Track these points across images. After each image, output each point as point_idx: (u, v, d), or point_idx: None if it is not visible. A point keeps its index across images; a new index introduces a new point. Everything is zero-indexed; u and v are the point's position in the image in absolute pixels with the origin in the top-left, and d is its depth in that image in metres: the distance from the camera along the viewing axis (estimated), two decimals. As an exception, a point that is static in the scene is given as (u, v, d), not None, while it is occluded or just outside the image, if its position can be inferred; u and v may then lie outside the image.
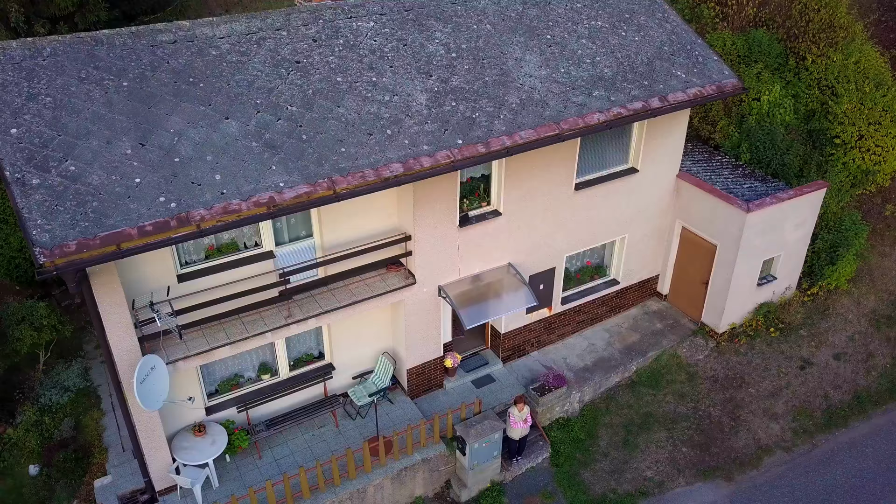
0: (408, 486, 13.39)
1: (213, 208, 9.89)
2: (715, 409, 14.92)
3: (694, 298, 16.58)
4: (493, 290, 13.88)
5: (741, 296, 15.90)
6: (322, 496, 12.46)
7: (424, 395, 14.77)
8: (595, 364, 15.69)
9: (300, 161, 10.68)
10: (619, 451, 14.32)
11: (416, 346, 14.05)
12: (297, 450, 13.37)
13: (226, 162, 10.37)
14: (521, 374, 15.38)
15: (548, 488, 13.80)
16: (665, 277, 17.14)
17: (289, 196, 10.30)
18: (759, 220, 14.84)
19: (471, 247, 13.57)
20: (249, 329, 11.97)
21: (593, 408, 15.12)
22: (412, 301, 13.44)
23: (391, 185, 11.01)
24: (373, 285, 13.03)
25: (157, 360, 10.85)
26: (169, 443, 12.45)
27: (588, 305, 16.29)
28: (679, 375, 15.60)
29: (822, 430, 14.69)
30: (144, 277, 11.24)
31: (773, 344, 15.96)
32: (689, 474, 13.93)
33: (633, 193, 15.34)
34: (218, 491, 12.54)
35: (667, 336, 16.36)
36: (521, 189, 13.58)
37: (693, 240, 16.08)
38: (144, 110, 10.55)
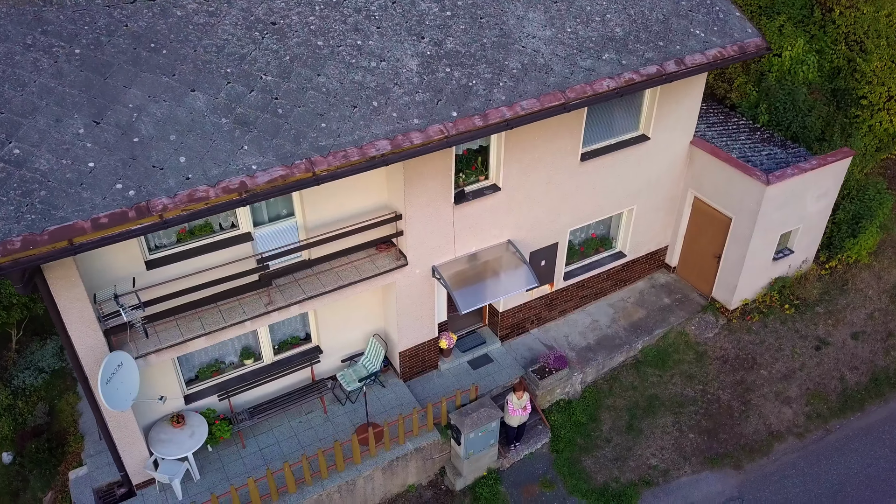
0: (399, 476, 12.75)
1: (178, 196, 8.86)
2: (724, 393, 14.16)
3: (704, 272, 15.63)
4: (492, 270, 12.93)
5: (755, 271, 14.95)
6: (309, 490, 11.83)
7: (418, 377, 14.01)
8: (598, 343, 14.86)
9: (275, 139, 9.58)
10: (623, 437, 13.63)
11: (408, 329, 13.21)
12: (282, 438, 12.68)
13: (191, 142, 9.28)
14: (520, 354, 14.58)
15: (547, 476, 13.17)
16: (674, 249, 16.16)
17: (262, 180, 9.24)
18: (779, 192, 13.76)
19: (467, 224, 12.56)
20: (227, 318, 11.10)
21: (596, 389, 14.37)
22: (404, 283, 12.52)
23: (377, 166, 9.94)
24: (361, 267, 12.08)
25: (124, 356, 10.01)
26: (145, 434, 11.76)
27: (592, 280, 15.37)
28: (687, 355, 14.80)
29: (836, 415, 13.96)
30: (108, 266, 10.30)
31: (787, 322, 15.09)
32: (695, 462, 13.27)
33: (644, 162, 14.21)
34: (199, 484, 11.91)
35: (675, 312, 15.50)
36: (522, 161, 12.47)
37: (706, 211, 15.02)
38: (99, 82, 9.40)
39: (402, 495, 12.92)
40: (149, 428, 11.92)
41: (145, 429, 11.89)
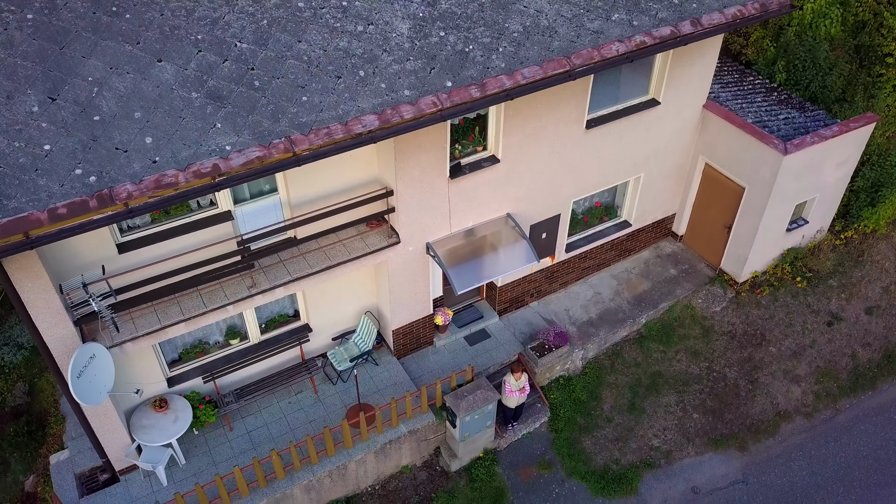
0: (393, 458, 12.35)
1: (144, 182, 8.08)
2: (731, 370, 13.63)
3: (713, 242, 14.91)
4: (490, 246, 12.22)
5: (767, 242, 14.22)
6: (298, 475, 11.42)
7: (413, 354, 13.47)
8: (601, 317, 14.26)
9: (251, 116, 8.73)
10: (624, 417, 13.17)
11: (401, 307, 12.59)
12: (271, 420, 12.22)
13: (158, 119, 8.44)
14: (518, 329, 14.00)
15: (545, 457, 12.76)
16: (682, 217, 15.39)
17: (237, 162, 8.44)
18: (796, 162, 12.91)
19: (463, 199, 11.78)
20: (208, 302, 10.46)
21: (597, 365, 13.84)
22: (397, 261, 11.83)
23: (364, 143, 9.11)
24: (351, 245, 11.37)
25: (96, 347, 9.41)
26: (126, 419, 11.29)
27: (595, 251, 14.66)
28: (693, 330, 14.21)
29: (846, 394, 13.46)
30: (76, 250, 9.59)
31: (798, 296, 14.45)
32: (699, 443, 12.83)
33: (653, 128, 13.31)
34: (185, 469, 11.50)
35: (681, 284, 14.84)
36: (523, 131, 11.60)
37: (717, 179, 14.19)
38: (55, 52, 8.50)
39: (395, 476, 12.55)
40: (130, 413, 11.44)
41: (127, 413, 11.41)
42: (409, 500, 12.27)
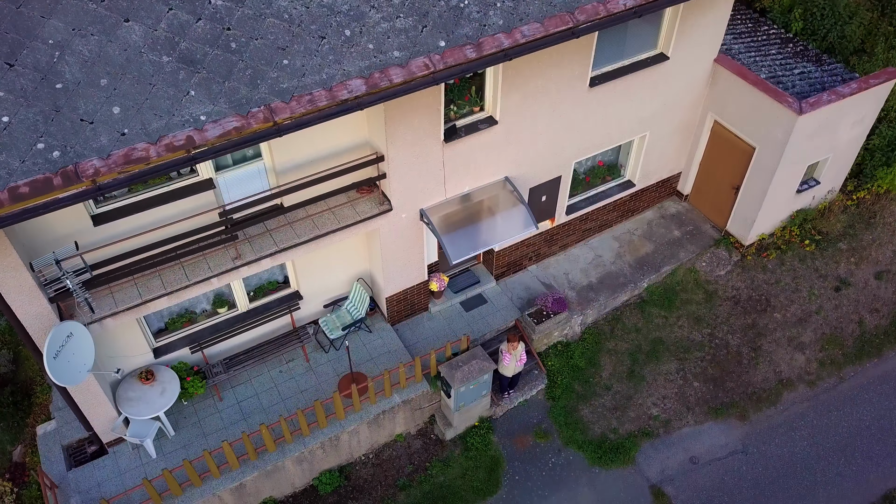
0: (387, 428, 12.13)
1: (112, 157, 7.50)
2: (734, 337, 13.27)
3: (720, 203, 14.34)
4: (486, 213, 11.69)
5: (776, 204, 13.65)
6: (290, 447, 11.20)
7: (407, 321, 13.10)
8: (601, 281, 13.83)
9: (228, 82, 8.08)
10: (623, 384, 12.89)
11: (395, 274, 12.14)
12: (262, 390, 11.94)
13: (127, 87, 7.80)
14: (516, 294, 13.59)
15: (542, 425, 12.54)
16: (688, 176, 14.77)
17: (213, 134, 7.84)
18: (811, 121, 12.22)
19: (459, 163, 11.18)
20: (191, 275, 10.00)
21: (596, 331, 13.49)
22: (389, 229, 11.31)
23: (351, 110, 8.47)
24: (340, 213, 10.84)
25: (74, 326, 9.01)
26: (112, 391, 10.99)
27: (597, 212, 14.12)
28: (696, 294, 13.80)
29: (851, 361, 13.14)
30: (48, 224, 9.08)
31: (806, 259, 13.97)
32: (698, 412, 12.59)
33: (661, 85, 12.58)
34: (174, 441, 11.28)
35: (685, 247, 14.35)
36: (522, 90, 10.90)
37: (726, 138, 13.52)
38: (11, 11, 7.79)
39: (389, 445, 12.36)
40: (116, 385, 11.14)
41: (112, 385, 11.11)
42: (403, 469, 12.10)
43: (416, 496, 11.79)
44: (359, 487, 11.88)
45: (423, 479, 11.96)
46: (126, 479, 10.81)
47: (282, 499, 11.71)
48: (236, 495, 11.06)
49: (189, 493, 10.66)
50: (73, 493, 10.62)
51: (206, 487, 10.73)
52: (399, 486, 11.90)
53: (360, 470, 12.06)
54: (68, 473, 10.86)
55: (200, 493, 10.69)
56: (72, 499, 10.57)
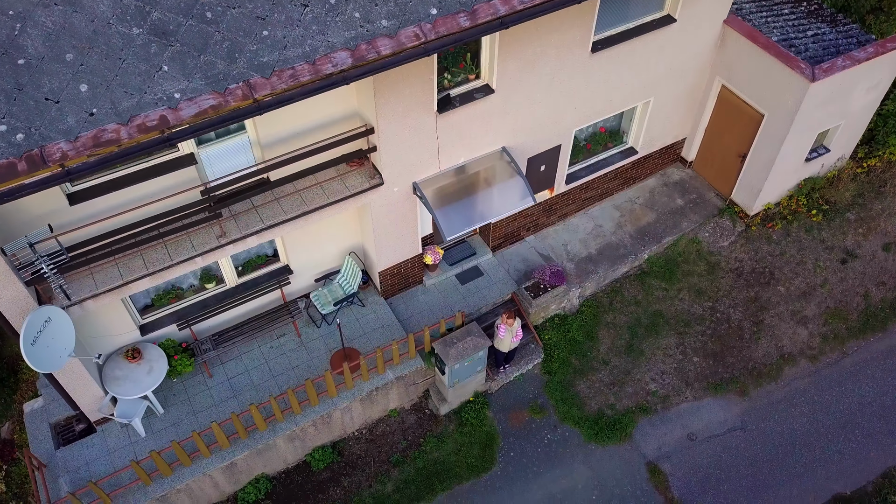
0: (380, 404, 11.94)
1: (80, 139, 7.04)
2: (736, 311, 12.97)
3: (725, 171, 13.85)
4: (482, 185, 11.24)
5: (784, 173, 13.17)
6: (281, 426, 11.02)
7: (401, 294, 12.78)
8: (600, 252, 13.45)
9: (203, 56, 7.55)
10: (621, 359, 12.64)
11: (387, 249, 11.76)
12: (252, 366, 11.70)
13: (94, 62, 7.28)
14: (513, 266, 13.24)
15: (538, 401, 12.34)
16: (693, 142, 14.24)
17: (188, 113, 7.35)
18: (824, 88, 11.65)
19: (454, 134, 10.68)
20: (174, 254, 9.63)
21: (595, 303, 13.18)
22: (380, 203, 10.88)
23: (336, 85, 7.96)
24: (329, 188, 10.40)
25: (51, 310, 8.68)
26: (99, 370, 10.75)
27: (598, 180, 13.65)
28: (698, 266, 13.44)
29: (855, 336, 12.85)
30: (20, 204, 8.65)
31: (812, 230, 13.55)
32: (697, 388, 12.37)
33: (667, 48, 11.96)
34: (164, 418, 11.09)
35: (687, 216, 13.91)
36: (521, 57, 10.32)
37: (734, 104, 12.94)
38: (-33, -20, 7.23)
39: (383, 420, 12.19)
40: (102, 363, 10.88)
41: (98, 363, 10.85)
42: (397, 445, 11.96)
43: (410, 472, 11.67)
44: (352, 463, 11.75)
45: (417, 455, 11.83)
46: (115, 459, 10.66)
47: (274, 475, 11.60)
48: (227, 474, 10.93)
49: (179, 473, 10.53)
50: (61, 473, 10.49)
51: (196, 467, 10.59)
52: (393, 462, 11.77)
53: (353, 446, 11.92)
54: (56, 452, 10.71)
55: (191, 473, 10.55)
56: (60, 478, 10.44)
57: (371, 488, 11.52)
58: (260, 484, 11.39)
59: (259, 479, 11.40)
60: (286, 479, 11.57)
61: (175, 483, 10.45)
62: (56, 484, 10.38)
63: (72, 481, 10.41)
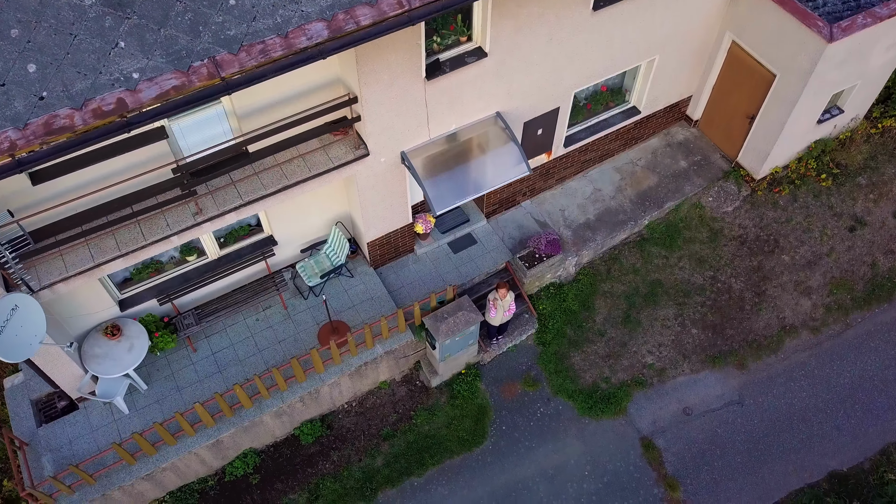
0: (370, 378, 11.67)
1: (30, 126, 6.46)
2: (737, 281, 12.54)
3: (732, 132, 13.17)
4: (475, 154, 10.63)
5: (794, 136, 12.51)
6: (267, 403, 10.77)
7: (391, 263, 12.34)
8: (599, 218, 12.93)
9: (164, 29, 6.87)
10: (618, 330, 12.30)
11: (376, 220, 11.25)
12: (237, 339, 11.37)
13: (43, 38, 6.62)
14: (507, 233, 12.75)
15: (531, 373, 12.07)
16: (699, 100, 13.50)
17: (149, 95, 6.74)
18: (842, 48, 10.88)
19: (444, 101, 10.01)
20: (147, 233, 9.14)
21: (592, 272, 12.75)
22: (367, 174, 10.31)
23: (312, 59, 7.31)
24: (312, 160, 9.82)
25: (19, 297, 8.26)
26: (78, 348, 10.41)
27: (598, 142, 13.00)
28: (700, 233, 12.94)
29: (859, 307, 12.46)
30: (-21, 187, 8.13)
31: (821, 195, 12.98)
32: (695, 361, 12.07)
33: (674, 4, 11.13)
34: (147, 395, 10.83)
35: (691, 179, 13.32)
36: (516, 17, 9.55)
37: (744, 62, 12.17)
38: None
39: (373, 392, 11.95)
40: (81, 339, 10.54)
41: (77, 339, 10.52)
42: (387, 418, 11.75)
43: (401, 446, 11.50)
44: (341, 437, 11.57)
45: (408, 429, 11.63)
46: (98, 437, 10.46)
47: (262, 448, 11.43)
48: (214, 450, 10.75)
49: (164, 452, 10.33)
50: (44, 452, 10.29)
51: (181, 446, 10.39)
52: (383, 435, 11.58)
53: (342, 419, 11.72)
54: (38, 430, 10.49)
55: (176, 452, 10.36)
56: (43, 457, 10.25)
57: (361, 462, 11.37)
58: (248, 458, 11.23)
59: (247, 454, 11.24)
60: (274, 453, 11.41)
61: (160, 462, 10.27)
62: (39, 463, 10.20)
63: (55, 460, 10.23)
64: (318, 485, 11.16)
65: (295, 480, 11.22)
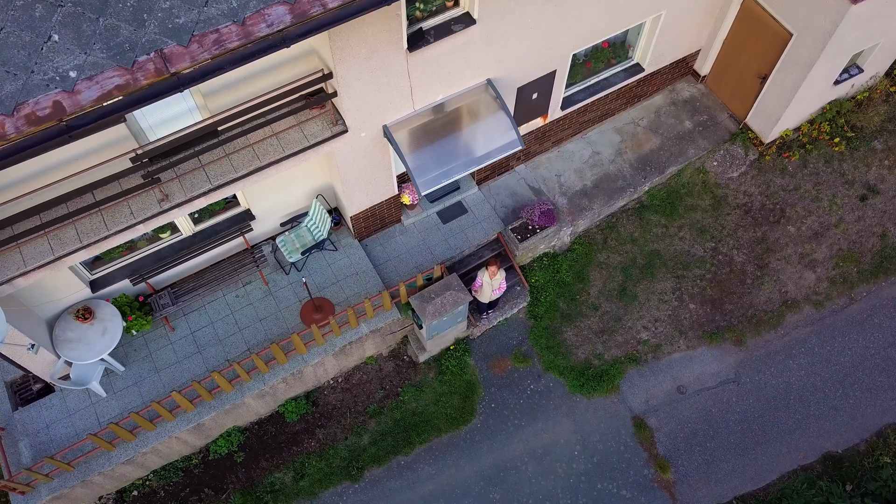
0: (355, 355, 11.32)
1: (-45, 136, 5.79)
2: (739, 253, 11.99)
3: (742, 91, 12.31)
4: (463, 127, 9.88)
5: (808, 99, 11.67)
6: (248, 386, 10.46)
7: (377, 234, 11.77)
8: (596, 185, 12.26)
9: (103, 18, 6.08)
10: (613, 304, 11.85)
11: (358, 194, 10.61)
12: (217, 317, 10.95)
13: (-36, 33, 5.85)
14: (500, 202, 12.11)
15: (522, 348, 11.72)
16: (708, 55, 12.56)
17: (89, 96, 6.02)
18: (866, 9, 9.92)
19: (429, 71, 9.18)
20: (110, 223, 8.55)
21: (588, 241, 12.20)
22: (347, 150, 9.60)
23: (274, 48, 6.54)
24: (286, 138, 9.10)
25: (-28, 299, 7.77)
26: (49, 331, 10.01)
27: (598, 102, 12.16)
28: (702, 200, 12.29)
29: (865, 280, 11.95)
30: (-81, 183, 7.49)
31: (833, 161, 12.24)
32: (692, 336, 11.67)
33: (684, -43, 10.10)
34: (125, 376, 10.51)
35: (695, 142, 12.56)
36: (507, -20, 8.63)
37: (758, 18, 11.19)
38: None
39: (360, 368, 11.64)
40: (52, 322, 10.12)
41: (49, 322, 10.10)
42: (374, 394, 11.49)
43: (387, 423, 11.27)
44: (327, 414, 11.34)
45: (395, 406, 11.38)
46: (76, 421, 10.20)
47: (246, 426, 11.22)
48: (196, 432, 10.53)
49: (144, 437, 10.09)
50: (20, 437, 10.06)
51: (161, 430, 10.14)
52: (369, 412, 11.34)
53: (328, 395, 11.45)
54: (14, 414, 10.22)
55: (156, 437, 10.12)
56: (20, 442, 10.02)
57: (346, 440, 11.17)
58: (232, 437, 11.03)
59: (231, 432, 11.03)
60: (259, 431, 11.21)
61: (140, 447, 10.05)
62: (16, 448, 9.98)
63: (32, 445, 10.00)
64: (303, 463, 11.00)
65: (280, 458, 11.06)
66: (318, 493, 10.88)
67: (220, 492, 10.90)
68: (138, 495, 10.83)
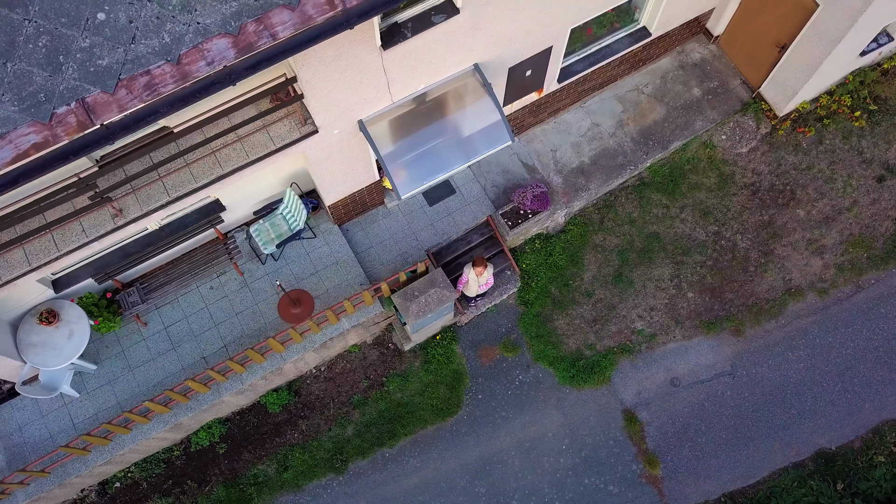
0: (337, 347, 10.91)
1: None
2: (744, 238, 11.29)
3: (758, 57, 11.21)
4: (447, 119, 8.97)
5: (830, 72, 10.61)
6: (226, 385, 10.10)
7: (358, 218, 11.05)
8: (594, 161, 11.41)
9: (11, 63, 5.20)
10: (607, 290, 11.29)
11: (335, 185, 9.84)
12: (191, 311, 10.44)
13: None
14: (491, 180, 11.31)
15: (510, 336, 11.27)
16: (723, 14, 11.37)
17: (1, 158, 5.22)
18: (904, -16, 8.77)
19: (407, 66, 8.20)
20: (61, 243, 7.87)
21: (583, 220, 11.49)
22: (319, 147, 8.75)
23: (220, 87, 5.66)
24: (252, 141, 8.25)
25: (-87, 337, 7.22)
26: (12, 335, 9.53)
27: (599, 70, 11.11)
28: (707, 178, 11.47)
29: (875, 267, 11.31)
30: None
31: (851, 137, 11.31)
32: (688, 326, 11.18)
33: (702, -81, 8.82)
34: (98, 375, 10.13)
35: (703, 112, 11.58)
36: (495, -36, 7.50)
37: (782, -18, 9.98)
38: None
39: (343, 356, 11.26)
40: (16, 324, 9.62)
41: (13, 323, 9.60)
42: (358, 385, 11.16)
43: (372, 414, 11.01)
44: (310, 405, 11.06)
45: (380, 396, 11.08)
46: (49, 422, 9.92)
47: (228, 416, 10.98)
48: (175, 431, 10.28)
49: (120, 440, 9.84)
50: (-7, 440, 9.83)
51: (136, 433, 9.87)
52: (353, 403, 11.06)
53: (310, 385, 11.13)
54: (-15, 415, 9.95)
55: (133, 439, 9.87)
56: (-7, 445, 9.80)
57: (330, 432, 10.95)
58: (213, 429, 10.81)
59: (211, 425, 10.80)
60: (241, 421, 10.98)
61: (117, 449, 9.82)
62: (-11, 452, 9.77)
63: (5, 448, 9.77)
64: (286, 455, 10.83)
65: (263, 450, 10.88)
66: (302, 486, 10.76)
67: (204, 483, 10.79)
68: (121, 486, 10.73)
